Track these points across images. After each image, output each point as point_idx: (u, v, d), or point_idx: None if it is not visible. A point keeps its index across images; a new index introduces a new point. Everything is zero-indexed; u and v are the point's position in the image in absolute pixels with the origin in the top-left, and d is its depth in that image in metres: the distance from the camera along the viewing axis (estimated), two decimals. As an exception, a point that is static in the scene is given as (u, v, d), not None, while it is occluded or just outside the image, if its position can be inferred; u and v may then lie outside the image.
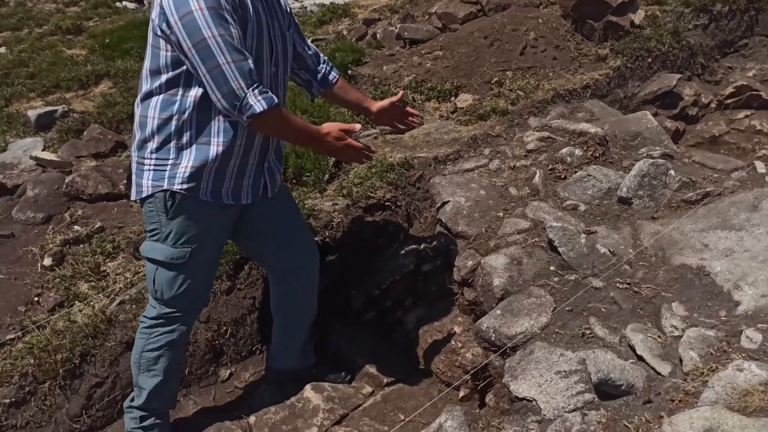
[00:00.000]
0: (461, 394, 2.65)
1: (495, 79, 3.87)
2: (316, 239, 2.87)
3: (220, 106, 1.80)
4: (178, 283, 2.07)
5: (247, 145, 2.01)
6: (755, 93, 4.06)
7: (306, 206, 2.94)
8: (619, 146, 3.07)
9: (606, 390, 1.68)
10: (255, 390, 2.54)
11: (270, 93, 1.83)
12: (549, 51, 4.09)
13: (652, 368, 1.72)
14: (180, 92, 1.88)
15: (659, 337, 1.85)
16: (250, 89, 1.77)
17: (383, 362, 2.74)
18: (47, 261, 2.93)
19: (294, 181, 3.39)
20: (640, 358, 1.78)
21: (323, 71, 2.32)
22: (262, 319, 2.73)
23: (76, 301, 2.67)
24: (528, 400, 1.81)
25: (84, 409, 2.35)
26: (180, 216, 2.00)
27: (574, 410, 1.68)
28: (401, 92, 2.46)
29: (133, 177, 2.04)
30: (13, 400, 2.28)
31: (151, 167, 1.96)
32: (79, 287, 2.78)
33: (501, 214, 2.80)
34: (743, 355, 1.60)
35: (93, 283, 2.77)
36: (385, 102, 2.36)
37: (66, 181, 3.40)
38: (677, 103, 4.00)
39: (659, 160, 2.68)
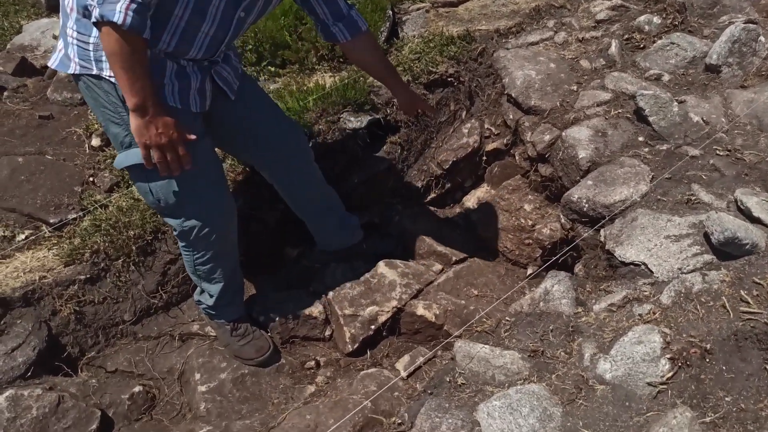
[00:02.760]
0: (529, 271, 2.64)
1: (553, -54, 3.55)
2: (378, 116, 2.74)
3: None
4: (173, 185, 1.79)
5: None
6: (828, -38, 3.76)
7: (366, 83, 2.78)
8: (697, 15, 2.85)
9: (727, 251, 1.63)
10: (326, 267, 2.50)
11: (146, 22, 1.49)
12: None
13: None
14: None
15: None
16: None
17: (449, 241, 2.71)
18: (95, 141, 2.80)
19: (341, 59, 3.19)
20: (756, 221, 1.72)
21: (334, 30, 1.99)
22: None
23: (133, 181, 2.57)
24: (636, 265, 1.77)
25: (159, 285, 2.33)
26: None
27: (692, 271, 1.65)
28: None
29: (60, 44, 1.73)
30: (87, 276, 2.24)
31: (75, 41, 1.67)
32: (134, 167, 2.67)
33: (575, 88, 2.65)
34: None
35: (148, 163, 2.66)
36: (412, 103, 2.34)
37: (99, 60, 3.19)
38: (745, -26, 3.71)
39: (750, 25, 2.49)
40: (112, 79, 1.64)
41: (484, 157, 2.92)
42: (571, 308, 1.73)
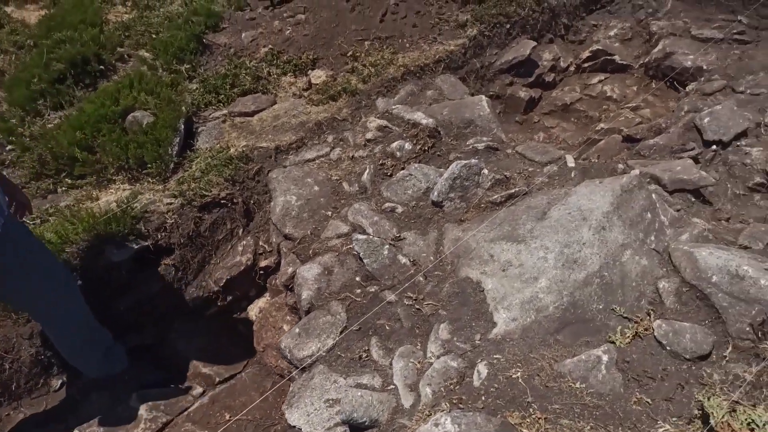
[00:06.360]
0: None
1: (350, 53, 3.79)
2: (146, 243, 2.89)
3: None
4: None
5: None
6: (610, 57, 4.15)
7: (135, 209, 2.92)
8: (452, 135, 3.13)
9: (355, 425, 1.85)
10: (86, 399, 2.63)
11: None
12: (409, 17, 4.01)
13: (399, 399, 1.90)
14: None
15: (419, 362, 2.02)
16: None
17: (220, 359, 2.88)
18: None
19: (138, 170, 3.32)
20: (393, 386, 1.95)
21: None
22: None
23: None
24: (298, 429, 1.98)
25: None
26: None
27: (327, 443, 1.86)
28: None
29: None
30: None
31: None
32: None
33: (330, 213, 2.87)
34: (459, 397, 1.77)
35: None
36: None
37: None
38: (533, 71, 4.05)
39: (472, 160, 2.76)
40: None
41: (261, 272, 3.11)
42: (233, 475, 1.91)
